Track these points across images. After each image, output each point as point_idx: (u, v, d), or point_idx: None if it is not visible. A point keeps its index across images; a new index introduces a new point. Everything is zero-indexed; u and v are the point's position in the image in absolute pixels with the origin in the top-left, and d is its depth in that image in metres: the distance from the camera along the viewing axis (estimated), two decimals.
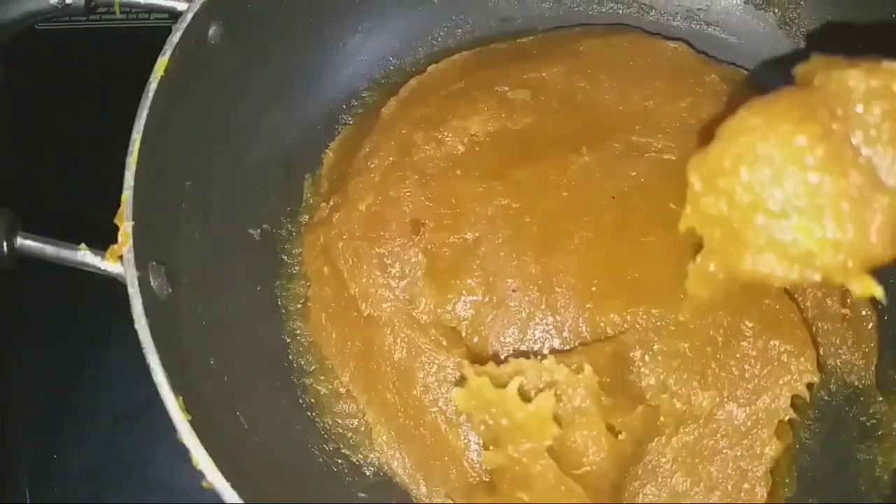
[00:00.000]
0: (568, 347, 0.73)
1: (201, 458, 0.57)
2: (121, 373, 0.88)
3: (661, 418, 0.70)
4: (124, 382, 0.88)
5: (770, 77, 0.92)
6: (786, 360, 0.73)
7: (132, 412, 0.87)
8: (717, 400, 0.71)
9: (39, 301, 0.93)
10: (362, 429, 0.77)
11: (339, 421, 0.78)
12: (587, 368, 0.66)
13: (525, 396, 0.64)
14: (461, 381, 0.68)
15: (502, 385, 0.64)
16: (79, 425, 0.88)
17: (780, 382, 0.72)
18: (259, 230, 0.84)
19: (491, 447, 0.66)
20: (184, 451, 0.59)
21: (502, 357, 0.72)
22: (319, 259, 0.82)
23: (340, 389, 0.79)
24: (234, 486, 0.56)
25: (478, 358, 0.73)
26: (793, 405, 0.72)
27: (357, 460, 0.76)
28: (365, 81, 0.95)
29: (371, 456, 0.76)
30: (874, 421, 0.77)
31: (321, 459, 0.75)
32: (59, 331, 0.92)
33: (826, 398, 0.79)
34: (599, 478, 0.65)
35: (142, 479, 0.85)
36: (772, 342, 0.73)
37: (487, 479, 0.70)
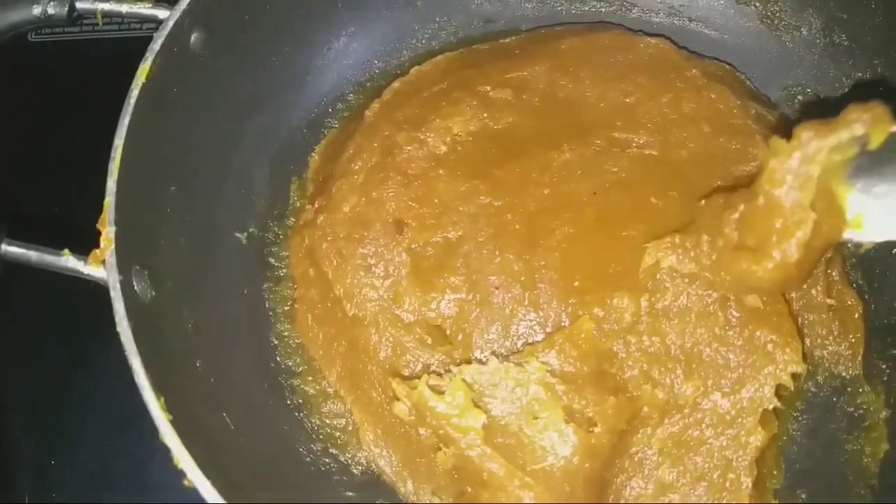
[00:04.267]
0: None
1: (182, 456, 0.57)
2: (117, 378, 0.87)
3: (645, 409, 0.71)
4: (121, 388, 0.87)
5: (751, 71, 0.92)
6: (771, 349, 0.72)
7: (129, 417, 0.87)
8: (702, 389, 0.71)
9: (36, 307, 0.95)
10: (350, 428, 0.78)
11: (328, 421, 0.79)
12: (533, 362, 0.68)
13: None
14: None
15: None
16: (76, 430, 0.89)
17: (765, 372, 0.72)
18: (246, 234, 0.85)
19: (442, 448, 0.69)
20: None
21: (485, 354, 0.73)
22: (305, 261, 0.83)
23: (328, 390, 0.80)
24: (214, 485, 0.57)
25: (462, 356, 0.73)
26: (779, 395, 0.72)
27: (345, 459, 0.77)
28: (350, 85, 0.96)
29: (359, 455, 0.77)
30: (861, 411, 0.77)
31: (309, 459, 0.76)
32: (56, 337, 0.94)
33: (813, 389, 0.79)
34: (569, 472, 0.66)
35: (138, 483, 0.86)
36: (757, 332, 0.72)
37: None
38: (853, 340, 0.79)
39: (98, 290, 0.65)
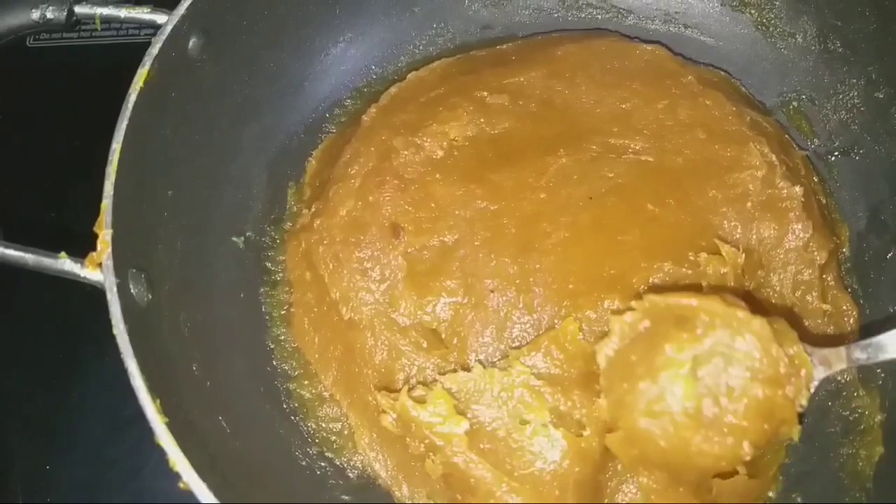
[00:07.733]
0: None
1: (177, 458, 0.58)
2: (113, 381, 0.87)
3: None
4: (117, 391, 0.88)
5: (747, 77, 0.93)
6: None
7: (124, 421, 0.87)
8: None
9: (32, 310, 0.95)
10: (346, 432, 0.78)
11: (323, 424, 0.79)
12: (517, 366, 0.68)
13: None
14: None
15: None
16: (72, 434, 0.89)
17: None
18: (243, 238, 0.86)
19: (430, 456, 0.69)
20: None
21: (479, 358, 0.73)
22: (301, 265, 0.83)
23: (324, 393, 0.80)
24: (210, 487, 0.57)
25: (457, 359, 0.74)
26: None
27: (341, 463, 0.77)
28: (347, 90, 0.97)
29: (354, 459, 0.77)
30: (856, 415, 0.77)
31: (304, 463, 0.76)
32: (52, 340, 0.93)
33: None
34: (558, 476, 0.66)
35: (133, 487, 0.86)
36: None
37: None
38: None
39: (95, 294, 0.65)
